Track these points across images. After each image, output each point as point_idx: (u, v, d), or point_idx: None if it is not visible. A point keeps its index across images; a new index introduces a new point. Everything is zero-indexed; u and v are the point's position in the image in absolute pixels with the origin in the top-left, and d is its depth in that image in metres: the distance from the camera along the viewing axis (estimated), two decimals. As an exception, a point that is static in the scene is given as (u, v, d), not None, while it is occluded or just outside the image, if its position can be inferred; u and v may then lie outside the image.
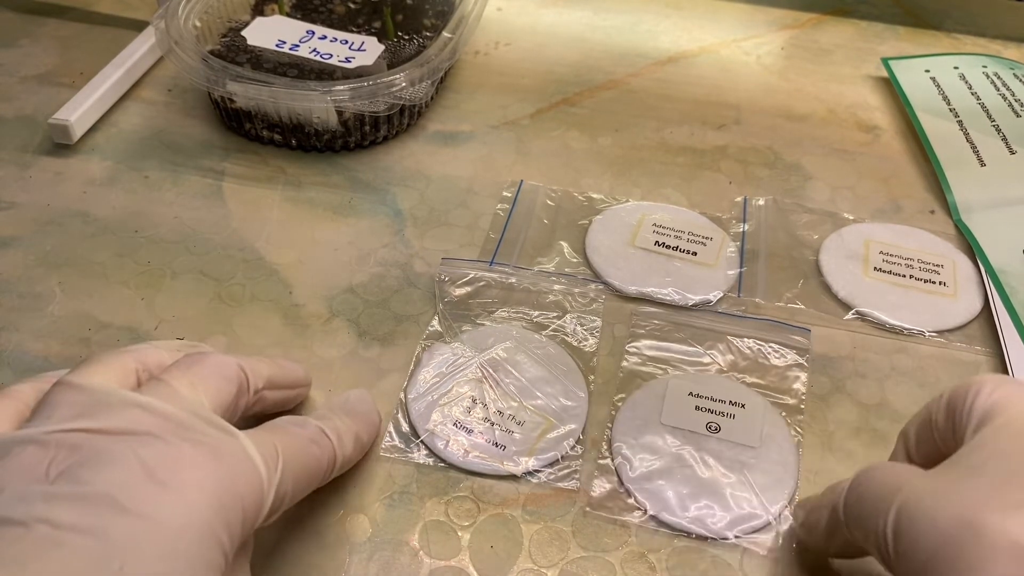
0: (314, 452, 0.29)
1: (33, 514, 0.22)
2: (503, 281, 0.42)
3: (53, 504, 0.22)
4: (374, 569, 0.31)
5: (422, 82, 0.47)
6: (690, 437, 0.35)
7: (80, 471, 0.23)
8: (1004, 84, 0.56)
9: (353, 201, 0.47)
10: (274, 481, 0.26)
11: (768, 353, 0.39)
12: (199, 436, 0.25)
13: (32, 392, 0.28)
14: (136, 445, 0.24)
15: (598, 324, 0.40)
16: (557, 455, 0.35)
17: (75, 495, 0.22)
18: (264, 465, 0.26)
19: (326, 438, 0.30)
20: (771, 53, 0.62)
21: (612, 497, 0.34)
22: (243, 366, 0.30)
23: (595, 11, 0.65)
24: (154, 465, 0.24)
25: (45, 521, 0.22)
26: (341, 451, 0.31)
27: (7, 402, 0.27)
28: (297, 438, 0.29)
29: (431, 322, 0.40)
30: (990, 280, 0.43)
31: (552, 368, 0.38)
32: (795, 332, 0.40)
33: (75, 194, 0.47)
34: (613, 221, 0.46)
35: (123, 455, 0.24)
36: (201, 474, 0.24)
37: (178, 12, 0.49)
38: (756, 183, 0.50)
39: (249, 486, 0.25)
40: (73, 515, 0.22)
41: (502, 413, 0.36)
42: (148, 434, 0.24)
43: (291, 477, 0.27)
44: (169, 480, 0.23)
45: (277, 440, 0.27)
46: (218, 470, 0.25)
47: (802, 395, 0.38)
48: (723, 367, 0.39)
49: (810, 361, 0.39)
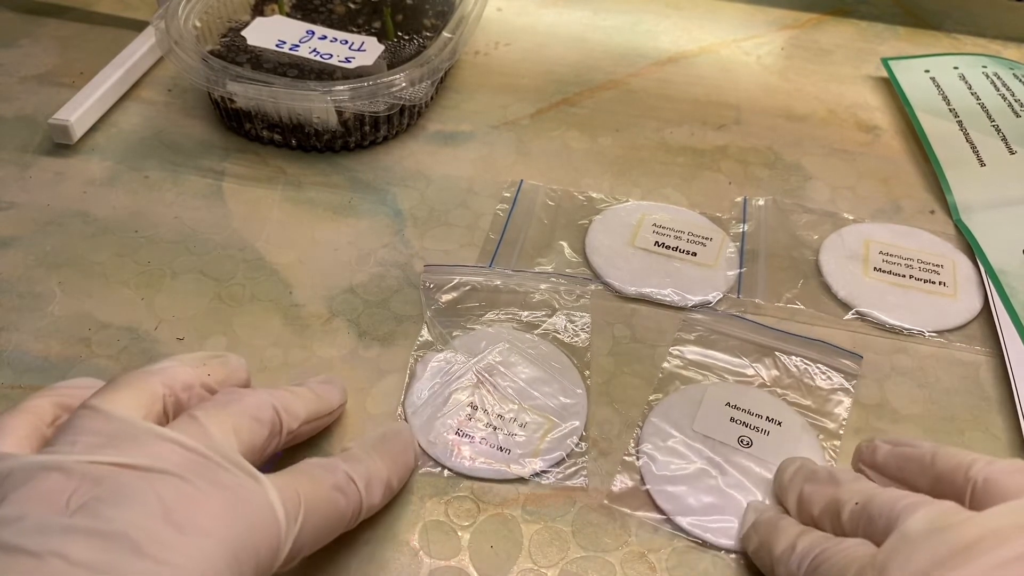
0: (339, 503, 0.28)
1: (48, 547, 0.22)
2: (488, 284, 0.42)
3: (69, 538, 0.22)
4: (374, 569, 0.31)
5: (422, 82, 0.47)
6: (720, 448, 0.35)
7: (100, 506, 0.23)
8: (1004, 84, 0.56)
9: (353, 201, 0.47)
10: (292, 533, 0.26)
11: (815, 374, 0.38)
12: (223, 479, 0.25)
13: (50, 408, 0.28)
14: (158, 484, 0.24)
15: (587, 320, 0.40)
16: (562, 454, 0.35)
17: (92, 530, 0.22)
18: (284, 517, 0.26)
19: (353, 486, 0.29)
20: (771, 53, 0.62)
21: (632, 494, 0.34)
22: (278, 408, 0.29)
23: (595, 11, 0.65)
24: (173, 507, 0.23)
25: (60, 556, 0.22)
26: (368, 500, 0.29)
27: (25, 417, 0.27)
28: (322, 486, 0.28)
29: (421, 331, 0.40)
30: (990, 280, 0.43)
31: (547, 367, 0.38)
32: (846, 356, 0.39)
33: (75, 194, 0.47)
34: (613, 221, 0.46)
35: (144, 493, 0.23)
36: (219, 522, 0.24)
37: (178, 12, 0.49)
38: (756, 183, 0.50)
39: (266, 538, 0.25)
40: (88, 552, 0.22)
41: (503, 417, 0.36)
42: (171, 474, 0.24)
43: (311, 529, 0.27)
44: (186, 525, 0.23)
45: (301, 488, 0.27)
46: (236, 520, 0.24)
47: (843, 420, 0.37)
48: (766, 381, 0.38)
49: (857, 386, 0.38)
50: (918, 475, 0.29)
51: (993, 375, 0.39)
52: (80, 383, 0.30)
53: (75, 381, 0.30)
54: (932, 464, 0.29)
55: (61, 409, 0.28)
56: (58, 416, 0.28)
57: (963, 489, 0.27)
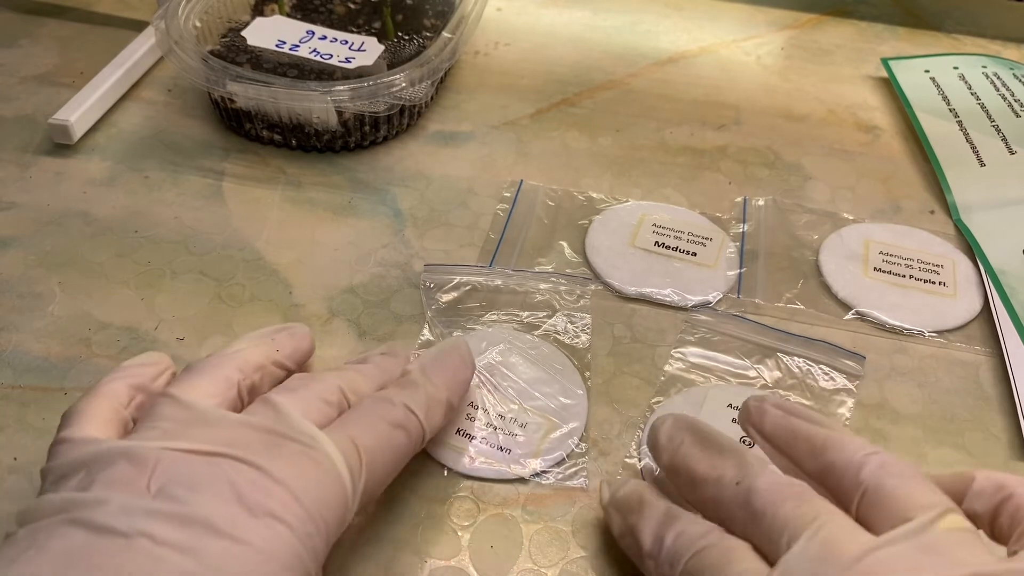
0: (400, 440, 0.29)
1: (136, 527, 0.23)
2: (489, 284, 0.42)
3: (154, 520, 0.23)
4: (374, 569, 0.31)
5: (422, 82, 0.47)
6: None
7: (177, 490, 0.24)
8: (1004, 84, 0.56)
9: (353, 201, 0.47)
10: (358, 492, 0.27)
11: (817, 375, 0.38)
12: (291, 452, 0.26)
13: (126, 390, 0.29)
14: (229, 470, 0.25)
15: (588, 321, 0.40)
16: (563, 454, 0.35)
17: (174, 513, 0.23)
18: (350, 479, 0.26)
19: (414, 417, 0.29)
20: (771, 53, 0.62)
21: None
22: (344, 389, 0.30)
23: (595, 11, 0.65)
24: (245, 491, 0.24)
25: (147, 536, 0.23)
26: (429, 427, 0.30)
27: (104, 402, 0.28)
28: (383, 428, 0.28)
29: (421, 332, 0.40)
30: (990, 280, 0.43)
31: (548, 368, 0.38)
32: (848, 357, 0.39)
33: (75, 194, 0.47)
34: (613, 221, 0.46)
35: (215, 479, 0.24)
36: (289, 505, 0.25)
37: (178, 12, 0.49)
38: (756, 183, 0.50)
39: (335, 507, 0.26)
40: (172, 532, 0.23)
41: (504, 417, 0.36)
42: (240, 460, 0.25)
43: (375, 478, 0.28)
44: (257, 509, 0.24)
45: (362, 437, 0.27)
46: (305, 497, 0.25)
47: (846, 420, 0.37)
48: (768, 383, 0.38)
49: (860, 388, 0.38)
50: (806, 457, 0.27)
51: (993, 375, 0.39)
52: (147, 360, 0.31)
53: (142, 358, 0.31)
54: (823, 450, 0.27)
55: (136, 390, 0.30)
56: (133, 397, 0.29)
57: (851, 494, 0.25)
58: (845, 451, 0.26)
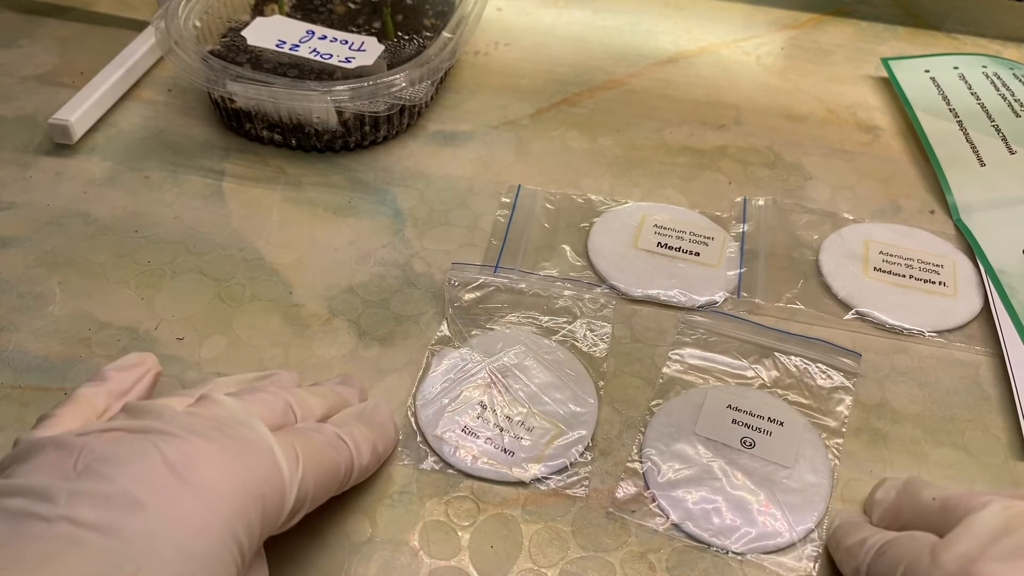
0: (332, 456, 0.29)
1: (56, 511, 0.22)
2: (513, 286, 0.42)
3: (75, 501, 0.23)
4: (374, 569, 0.31)
5: (422, 82, 0.47)
6: (722, 450, 0.35)
7: (103, 466, 0.24)
8: (1004, 84, 0.56)
9: (353, 201, 0.47)
10: (296, 481, 0.27)
11: (815, 373, 0.38)
12: (226, 432, 0.26)
13: (104, 397, 0.29)
14: (160, 441, 0.25)
15: (608, 330, 0.40)
16: (566, 462, 0.35)
17: (96, 492, 0.23)
18: (287, 467, 0.26)
19: (343, 443, 0.30)
20: (771, 53, 0.62)
21: (636, 500, 0.34)
22: (292, 403, 0.30)
23: (595, 11, 0.65)
24: (176, 460, 0.24)
25: (67, 519, 0.22)
26: (358, 459, 0.31)
27: (76, 408, 0.28)
28: (315, 442, 0.29)
29: (440, 326, 0.40)
30: (990, 280, 0.43)
31: (561, 374, 0.38)
32: (845, 355, 0.39)
33: (75, 194, 0.47)
34: (614, 223, 0.46)
35: (145, 449, 0.24)
36: (223, 472, 0.24)
37: (178, 12, 0.49)
38: (756, 183, 0.50)
39: (271, 487, 0.26)
40: (93, 513, 0.22)
41: (511, 419, 0.36)
42: (174, 434, 0.25)
43: (311, 479, 0.27)
44: (189, 475, 0.24)
45: (296, 442, 0.28)
46: (240, 470, 0.25)
47: (844, 418, 0.37)
48: (766, 382, 0.38)
49: (858, 385, 0.38)
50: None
51: (993, 375, 0.39)
52: (130, 362, 0.31)
53: (123, 361, 0.31)
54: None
55: (112, 397, 0.30)
56: (110, 405, 0.29)
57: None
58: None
